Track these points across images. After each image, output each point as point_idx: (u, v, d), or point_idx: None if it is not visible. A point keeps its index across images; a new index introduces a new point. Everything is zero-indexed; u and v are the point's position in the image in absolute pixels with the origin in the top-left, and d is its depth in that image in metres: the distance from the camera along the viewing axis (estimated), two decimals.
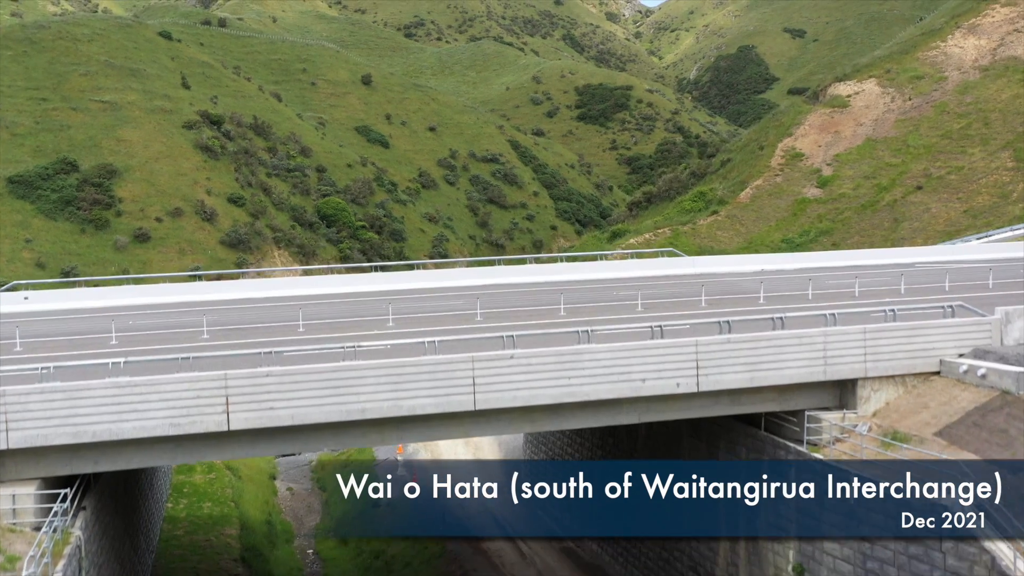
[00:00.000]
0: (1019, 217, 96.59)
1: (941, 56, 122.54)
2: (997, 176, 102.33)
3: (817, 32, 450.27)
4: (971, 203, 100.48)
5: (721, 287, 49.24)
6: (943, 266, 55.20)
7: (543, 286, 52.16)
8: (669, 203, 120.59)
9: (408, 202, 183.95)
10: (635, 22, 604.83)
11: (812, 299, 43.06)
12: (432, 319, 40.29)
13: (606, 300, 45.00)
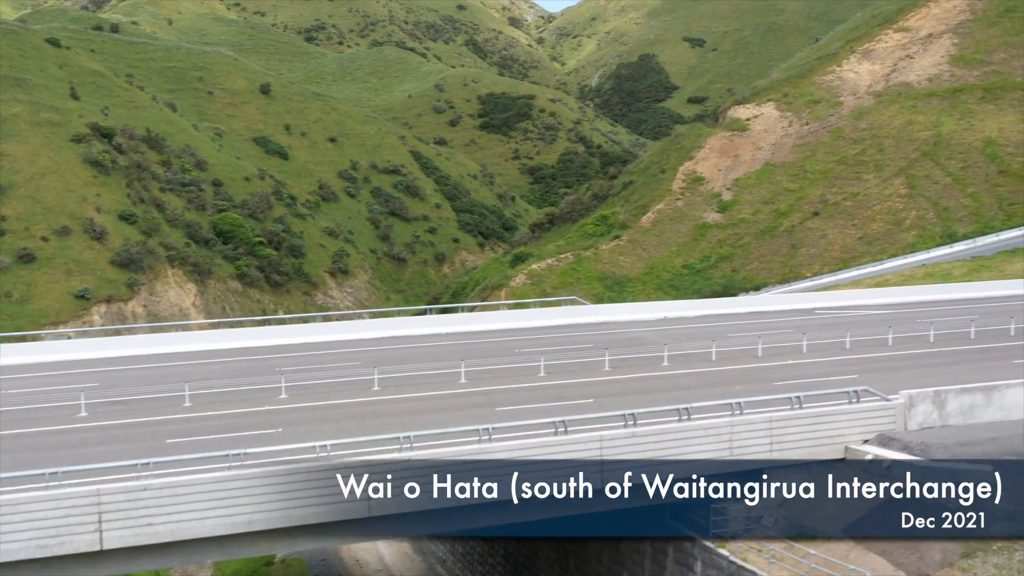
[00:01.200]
0: (912, 245, 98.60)
1: (837, 81, 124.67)
2: (891, 203, 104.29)
3: (716, 42, 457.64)
4: (866, 229, 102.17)
5: (624, 341, 48.58)
6: (841, 314, 55.48)
7: (446, 338, 50.92)
8: (572, 225, 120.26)
9: (308, 216, 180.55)
10: (538, 28, 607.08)
11: (716, 360, 42.62)
12: (327, 388, 38.68)
13: (509, 359, 43.89)
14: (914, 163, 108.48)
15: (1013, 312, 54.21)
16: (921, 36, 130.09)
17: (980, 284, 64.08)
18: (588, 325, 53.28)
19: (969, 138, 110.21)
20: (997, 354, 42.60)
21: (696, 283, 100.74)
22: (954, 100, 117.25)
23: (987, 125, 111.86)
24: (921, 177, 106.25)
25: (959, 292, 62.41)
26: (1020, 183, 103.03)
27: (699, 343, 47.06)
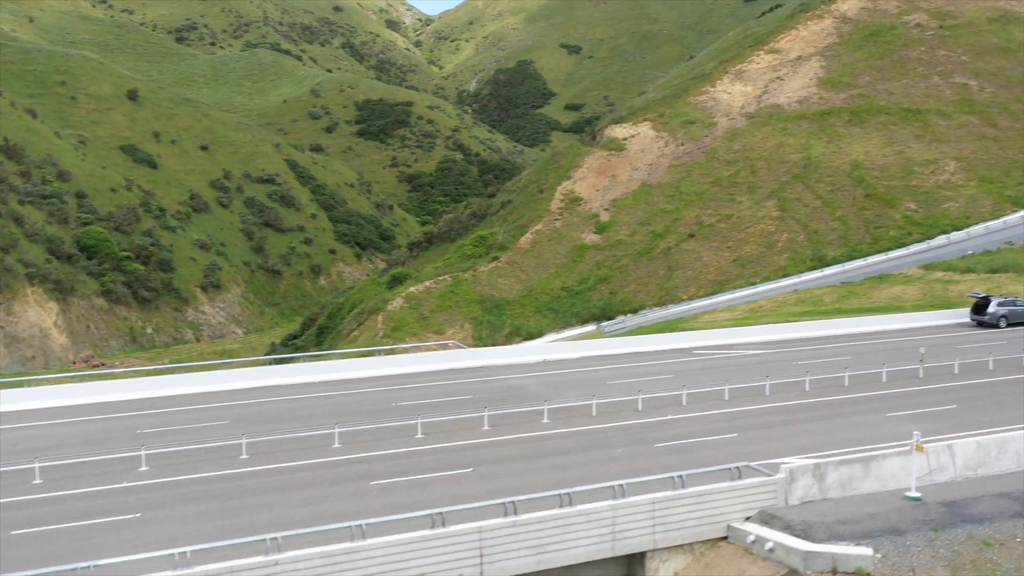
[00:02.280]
0: (784, 268, 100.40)
1: (711, 101, 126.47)
2: (763, 225, 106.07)
3: (592, 49, 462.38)
4: (740, 252, 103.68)
5: (504, 391, 47.61)
6: (719, 355, 55.62)
7: (320, 388, 49.15)
8: (450, 245, 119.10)
9: (178, 228, 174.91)
10: (416, 31, 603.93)
11: (596, 415, 41.94)
12: (193, 458, 36.52)
13: (385, 416, 42.38)
14: (785, 185, 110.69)
15: (884, 353, 55.22)
16: (791, 58, 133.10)
17: (851, 320, 65.12)
18: (467, 371, 52.15)
19: (837, 161, 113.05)
20: (871, 405, 42.98)
21: (575, 306, 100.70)
22: (823, 123, 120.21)
23: (854, 148, 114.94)
24: (792, 200, 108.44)
25: (832, 328, 63.37)
26: (885, 207, 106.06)
27: (579, 392, 46.42)
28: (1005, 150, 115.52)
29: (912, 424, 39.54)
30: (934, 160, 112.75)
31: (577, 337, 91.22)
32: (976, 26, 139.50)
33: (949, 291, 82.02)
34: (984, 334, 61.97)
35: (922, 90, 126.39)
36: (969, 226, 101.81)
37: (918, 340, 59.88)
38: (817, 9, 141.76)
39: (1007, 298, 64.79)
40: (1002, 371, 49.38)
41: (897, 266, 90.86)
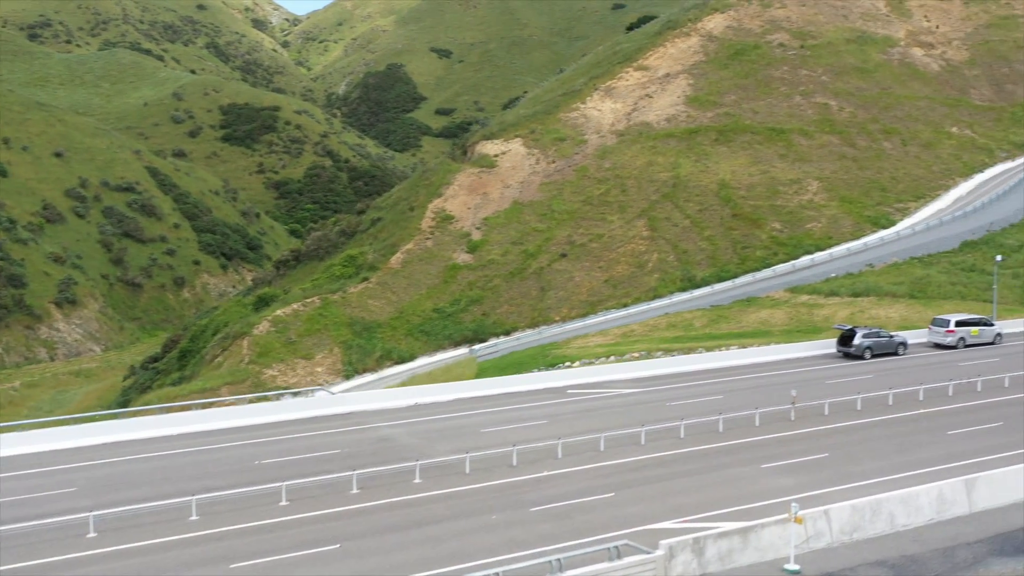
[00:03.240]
0: (654, 288, 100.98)
1: (581, 118, 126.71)
2: (634, 245, 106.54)
3: (462, 53, 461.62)
4: (611, 272, 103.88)
5: (374, 443, 45.85)
6: (594, 396, 54.94)
7: (177, 443, 46.48)
8: (319, 264, 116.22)
9: (30, 241, 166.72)
10: (283, 31, 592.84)
11: (470, 472, 40.54)
12: (32, 537, 33.64)
13: (247, 477, 40.13)
14: (655, 204, 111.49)
15: (756, 391, 55.42)
16: (659, 76, 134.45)
17: (723, 353, 65.37)
18: (335, 419, 50.10)
19: (705, 180, 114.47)
20: (746, 454, 42.76)
21: (447, 328, 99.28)
22: (691, 141, 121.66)
23: (721, 167, 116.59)
24: (662, 219, 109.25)
25: (704, 362, 63.44)
26: (751, 226, 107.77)
27: (452, 443, 45.01)
28: (864, 170, 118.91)
29: (787, 477, 39.46)
30: (798, 180, 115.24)
31: (450, 362, 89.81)
32: (835, 46, 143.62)
33: (814, 315, 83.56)
34: (851, 366, 62.96)
35: (785, 109, 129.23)
36: (832, 246, 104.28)
37: (788, 375, 60.47)
38: (684, 27, 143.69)
39: (871, 329, 66.03)
40: (869, 411, 49.92)
41: (764, 288, 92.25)
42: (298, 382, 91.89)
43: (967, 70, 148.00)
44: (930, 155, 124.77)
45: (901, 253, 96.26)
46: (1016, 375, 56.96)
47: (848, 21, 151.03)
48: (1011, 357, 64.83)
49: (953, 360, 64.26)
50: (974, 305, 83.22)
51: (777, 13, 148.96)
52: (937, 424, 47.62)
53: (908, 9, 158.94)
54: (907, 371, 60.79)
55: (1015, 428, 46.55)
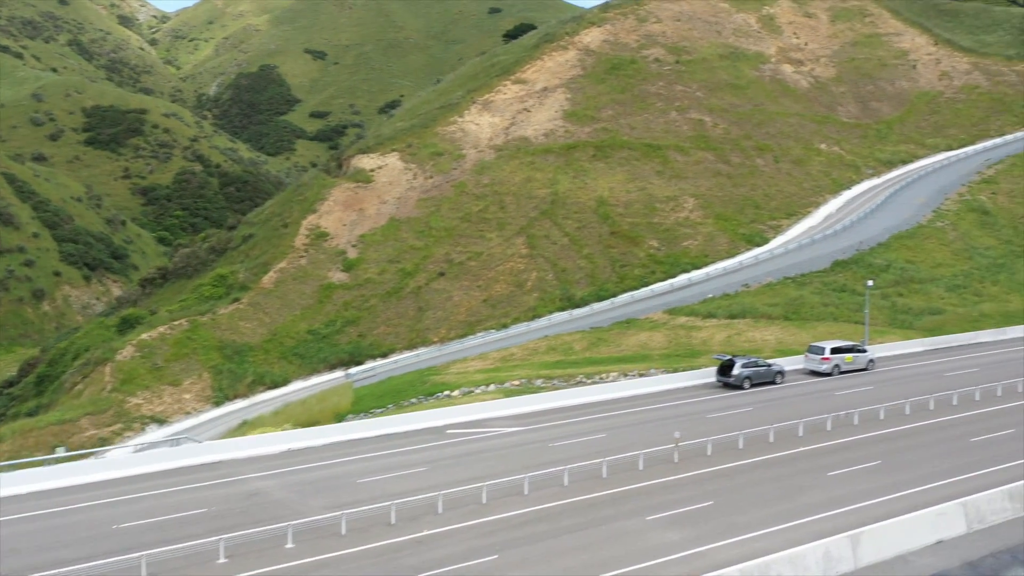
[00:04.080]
0: (534, 308, 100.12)
1: (459, 132, 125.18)
2: (513, 263, 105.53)
3: (337, 55, 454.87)
4: (490, 291, 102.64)
5: (243, 499, 43.32)
6: (474, 438, 53.42)
7: (24, 505, 43.11)
8: (187, 283, 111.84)
9: None
10: (151, 28, 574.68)
11: (346, 534, 38.47)
12: None
13: (104, 548, 37.21)
14: (534, 222, 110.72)
15: (638, 427, 54.73)
16: (537, 90, 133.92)
17: (604, 387, 64.58)
18: (201, 471, 47.32)
19: (583, 197, 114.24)
20: (631, 504, 41.80)
21: (322, 350, 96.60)
22: (569, 157, 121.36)
23: (599, 184, 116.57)
24: (541, 237, 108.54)
25: (585, 395, 62.61)
26: (629, 244, 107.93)
27: (327, 498, 42.87)
28: (738, 187, 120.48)
29: (673, 530, 38.62)
30: (674, 197, 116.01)
31: (325, 388, 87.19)
32: (709, 62, 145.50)
33: (692, 338, 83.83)
34: (731, 397, 62.95)
35: (661, 125, 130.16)
36: (708, 264, 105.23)
37: (670, 408, 60.06)
38: (562, 40, 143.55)
39: (750, 358, 66.23)
40: (752, 450, 49.64)
41: (643, 309, 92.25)
42: (164, 410, 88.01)
43: (834, 87, 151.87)
44: (801, 172, 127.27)
45: (775, 273, 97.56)
46: (890, 405, 57.63)
47: (721, 37, 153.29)
48: (884, 385, 65.84)
49: (829, 389, 64.91)
50: (846, 327, 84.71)
51: (653, 28, 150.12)
52: (818, 464, 47.55)
53: (778, 26, 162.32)
54: (786, 402, 61.03)
55: (893, 467, 46.79)
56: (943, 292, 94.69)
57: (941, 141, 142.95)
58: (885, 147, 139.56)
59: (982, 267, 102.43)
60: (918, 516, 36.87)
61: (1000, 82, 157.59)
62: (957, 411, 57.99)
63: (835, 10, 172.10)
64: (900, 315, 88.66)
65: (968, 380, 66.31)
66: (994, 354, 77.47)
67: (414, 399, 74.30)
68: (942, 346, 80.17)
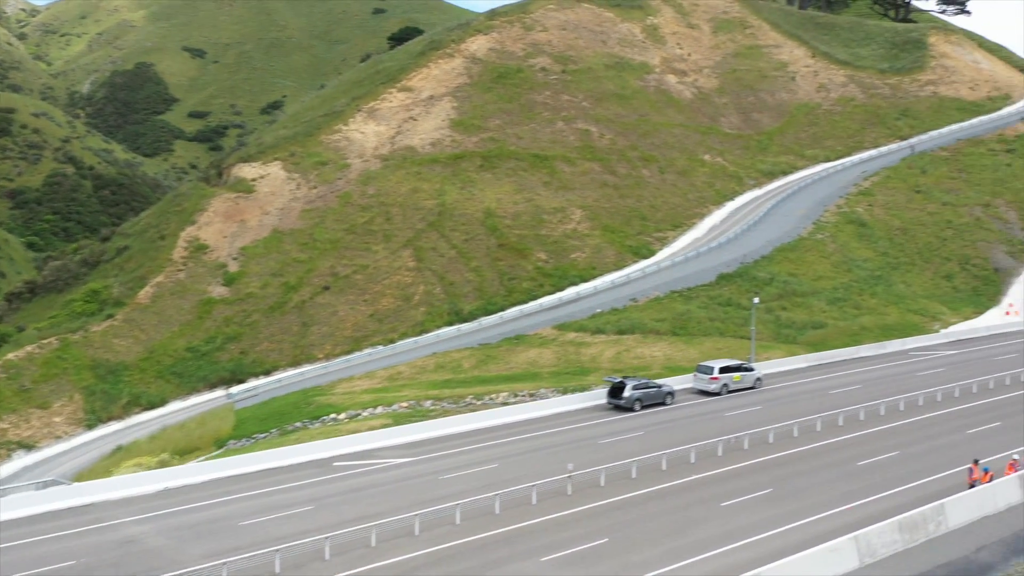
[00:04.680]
0: (421, 323, 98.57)
1: (344, 141, 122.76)
2: (400, 276, 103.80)
3: (217, 54, 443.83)
4: (377, 306, 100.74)
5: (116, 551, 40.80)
6: (362, 471, 51.73)
7: None
8: (58, 297, 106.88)
9: None
10: (19, 22, 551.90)
11: None
12: None
13: None
14: (421, 234, 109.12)
15: (530, 456, 53.73)
16: (423, 98, 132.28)
17: (496, 411, 63.46)
18: (71, 514, 44.52)
19: (471, 208, 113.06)
20: (526, 545, 40.74)
21: (201, 368, 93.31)
22: (456, 167, 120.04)
23: (486, 195, 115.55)
24: (428, 249, 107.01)
25: (475, 421, 61.42)
26: (518, 257, 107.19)
27: (206, 545, 40.71)
28: (625, 198, 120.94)
29: (567, 572, 37.72)
30: (562, 208, 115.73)
31: (205, 410, 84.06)
32: (595, 72, 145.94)
33: (582, 354, 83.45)
34: (622, 420, 62.54)
35: (548, 135, 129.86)
36: (596, 276, 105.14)
37: (562, 434, 59.28)
38: (448, 48, 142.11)
39: (640, 380, 65.97)
40: (645, 479, 49.17)
41: (532, 325, 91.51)
42: (33, 435, 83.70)
43: (717, 98, 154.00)
44: (685, 183, 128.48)
45: (662, 286, 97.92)
46: (779, 428, 57.92)
47: (607, 47, 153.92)
48: (772, 404, 66.32)
49: (719, 410, 65.07)
50: (732, 342, 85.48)
51: (539, 37, 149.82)
52: (711, 493, 47.27)
53: (662, 36, 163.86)
54: (677, 425, 60.89)
55: (785, 495, 46.82)
56: (824, 305, 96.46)
57: (820, 152, 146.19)
58: (766, 158, 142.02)
59: (861, 279, 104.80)
60: (811, 554, 36.64)
61: (874, 95, 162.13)
62: (843, 432, 58.65)
63: (717, 21, 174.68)
64: (784, 329, 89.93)
65: (852, 398, 67.33)
66: (875, 369, 79.07)
67: (299, 423, 72.00)
68: (826, 361, 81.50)
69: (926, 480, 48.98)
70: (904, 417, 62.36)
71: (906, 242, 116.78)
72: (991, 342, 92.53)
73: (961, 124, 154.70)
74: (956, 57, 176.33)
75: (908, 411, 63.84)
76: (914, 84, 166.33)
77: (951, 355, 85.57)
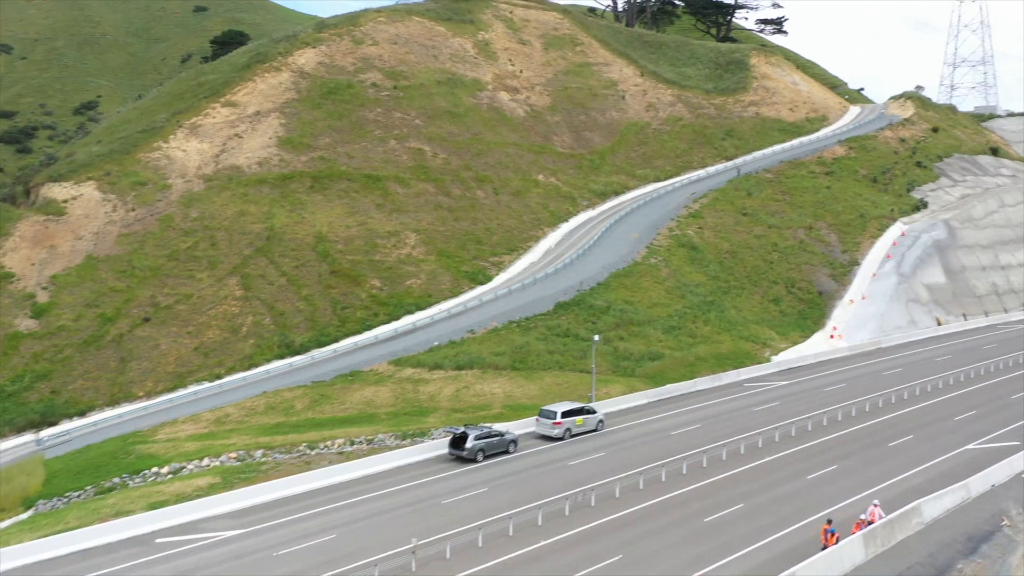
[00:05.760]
0: (250, 356, 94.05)
1: (164, 160, 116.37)
2: (226, 306, 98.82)
3: (25, 49, 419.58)
4: (202, 338, 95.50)
5: None
6: (186, 549, 47.83)
7: None
8: None
9: None
10: None
11: None
12: None
13: None
14: (248, 260, 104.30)
15: (367, 523, 50.95)
16: (249, 113, 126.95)
17: (332, 468, 60.22)
18: None
19: (301, 233, 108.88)
20: None
21: (7, 411, 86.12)
22: (285, 188, 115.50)
23: (317, 218, 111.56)
24: (256, 277, 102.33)
25: (312, 481, 58.11)
26: (351, 284, 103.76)
27: None
28: (459, 221, 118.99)
29: None
30: (395, 232, 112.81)
31: (10, 463, 77.22)
32: (427, 88, 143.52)
33: (420, 393, 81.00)
34: (464, 474, 60.40)
35: (381, 154, 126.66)
36: (432, 304, 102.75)
37: (403, 493, 56.67)
38: (274, 61, 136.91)
39: (482, 429, 64.07)
40: (493, 549, 47.22)
41: (367, 359, 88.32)
42: None
43: (550, 116, 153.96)
44: (520, 204, 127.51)
45: (500, 316, 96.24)
46: (625, 479, 57.00)
47: (439, 62, 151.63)
48: (615, 450, 65.50)
49: (563, 458, 63.74)
50: (572, 376, 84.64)
51: (369, 51, 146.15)
52: (561, 563, 45.68)
53: (494, 52, 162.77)
54: (522, 478, 59.17)
55: (635, 561, 45.70)
56: (660, 334, 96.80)
57: (650, 172, 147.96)
58: (599, 178, 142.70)
59: (694, 305, 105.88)
60: None
61: (701, 115, 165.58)
62: (687, 481, 58.22)
63: (548, 38, 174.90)
64: (622, 361, 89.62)
65: (693, 440, 67.29)
66: (713, 405, 79.60)
67: (117, 478, 66.75)
68: (664, 397, 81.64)
69: (774, 537, 48.80)
70: (745, 461, 62.53)
71: (735, 265, 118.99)
72: (819, 370, 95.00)
73: (783, 145, 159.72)
74: (776, 78, 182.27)
75: (749, 455, 64.11)
76: (738, 105, 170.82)
77: (783, 386, 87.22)
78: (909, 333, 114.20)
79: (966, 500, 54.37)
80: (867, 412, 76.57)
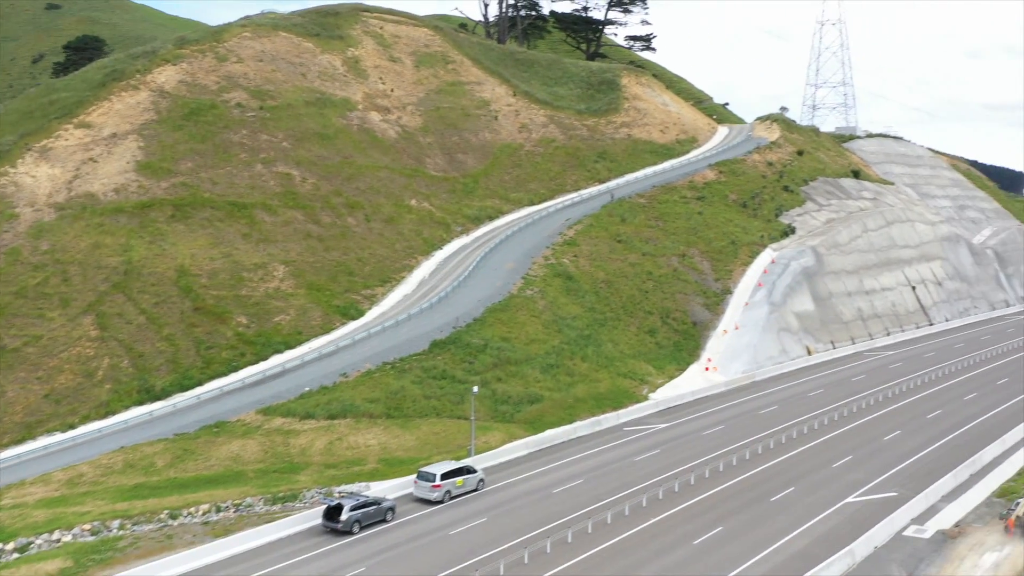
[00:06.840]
0: (107, 403, 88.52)
1: (12, 186, 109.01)
2: (80, 348, 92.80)
3: None
4: (53, 384, 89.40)
5: None
6: None
7: None
8: None
9: None
10: None
11: None
12: None
13: None
14: (104, 297, 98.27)
15: None
16: (105, 136, 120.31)
17: (198, 550, 56.10)
18: None
19: (162, 266, 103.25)
20: None
21: None
22: (144, 218, 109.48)
23: (179, 250, 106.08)
24: (113, 315, 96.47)
25: (173, 567, 53.93)
26: (216, 322, 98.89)
27: None
28: (330, 251, 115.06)
29: None
30: (263, 264, 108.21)
31: None
32: (295, 109, 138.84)
33: (291, 446, 77.25)
34: (340, 550, 57.09)
35: (246, 180, 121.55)
36: (302, 342, 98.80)
37: None
38: (132, 79, 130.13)
39: (358, 499, 60.93)
40: None
41: (234, 409, 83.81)
42: None
43: (422, 137, 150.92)
44: (393, 231, 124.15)
45: (374, 357, 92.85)
46: (509, 553, 54.69)
47: (307, 81, 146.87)
48: (497, 515, 63.14)
49: (444, 526, 61.01)
50: (449, 424, 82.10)
51: (234, 68, 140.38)
52: None
53: (364, 70, 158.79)
54: (401, 555, 56.20)
55: None
56: (538, 374, 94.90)
57: (524, 196, 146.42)
58: (472, 202, 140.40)
59: (571, 340, 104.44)
60: None
61: (574, 136, 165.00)
62: (574, 552, 56.30)
63: (419, 55, 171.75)
64: (501, 406, 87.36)
65: (577, 500, 65.59)
66: (594, 454, 78.08)
67: None
68: (545, 446, 79.81)
69: None
70: (631, 524, 61.02)
71: (611, 295, 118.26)
72: (697, 409, 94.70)
73: (655, 168, 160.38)
74: (647, 99, 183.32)
75: (634, 516, 62.64)
76: (610, 126, 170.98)
77: (663, 429, 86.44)
78: (781, 364, 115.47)
79: (851, 568, 53.92)
80: (747, 460, 76.16)
